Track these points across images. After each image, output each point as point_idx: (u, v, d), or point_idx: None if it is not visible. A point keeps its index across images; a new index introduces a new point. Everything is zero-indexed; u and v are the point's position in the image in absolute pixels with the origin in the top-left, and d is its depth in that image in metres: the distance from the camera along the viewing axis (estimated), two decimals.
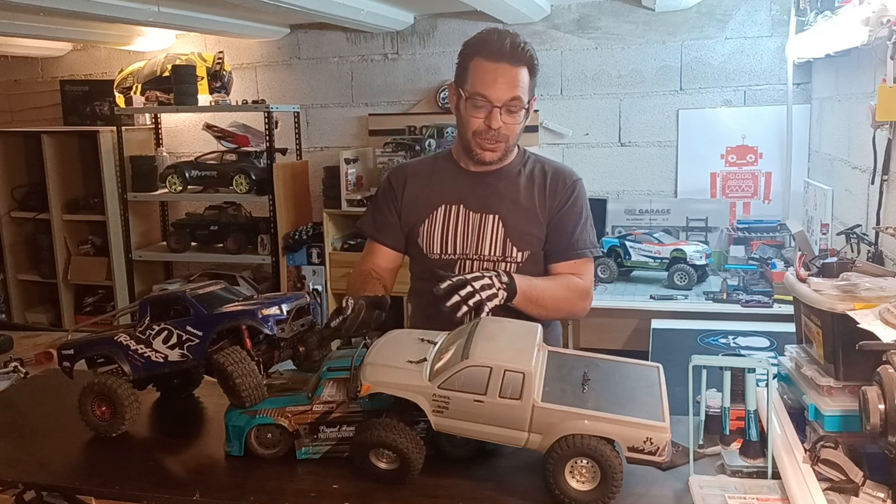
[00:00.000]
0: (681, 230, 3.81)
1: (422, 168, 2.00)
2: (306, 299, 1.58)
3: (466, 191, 1.89)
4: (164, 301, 1.56)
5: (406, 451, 1.28)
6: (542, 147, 4.02)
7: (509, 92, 1.76)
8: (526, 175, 1.91)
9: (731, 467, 1.32)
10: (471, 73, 1.79)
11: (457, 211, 1.88)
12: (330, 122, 4.42)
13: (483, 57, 1.78)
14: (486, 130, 1.80)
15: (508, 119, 1.79)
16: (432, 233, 1.89)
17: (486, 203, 1.87)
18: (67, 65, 4.85)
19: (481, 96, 1.77)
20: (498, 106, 1.76)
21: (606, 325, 3.86)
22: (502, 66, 1.76)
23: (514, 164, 1.92)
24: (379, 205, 2.01)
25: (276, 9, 3.14)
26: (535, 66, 1.81)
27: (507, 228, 1.86)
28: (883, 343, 1.14)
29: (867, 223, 2.52)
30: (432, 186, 1.93)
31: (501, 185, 1.89)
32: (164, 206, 4.63)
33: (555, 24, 3.93)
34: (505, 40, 1.77)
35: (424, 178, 1.96)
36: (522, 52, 1.77)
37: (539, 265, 1.89)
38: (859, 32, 2.04)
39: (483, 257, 1.86)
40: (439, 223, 1.89)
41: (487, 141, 1.81)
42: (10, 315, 4.62)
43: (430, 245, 1.90)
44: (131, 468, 1.44)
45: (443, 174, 1.94)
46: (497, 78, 1.76)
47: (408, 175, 1.98)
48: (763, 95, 3.74)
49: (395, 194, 1.96)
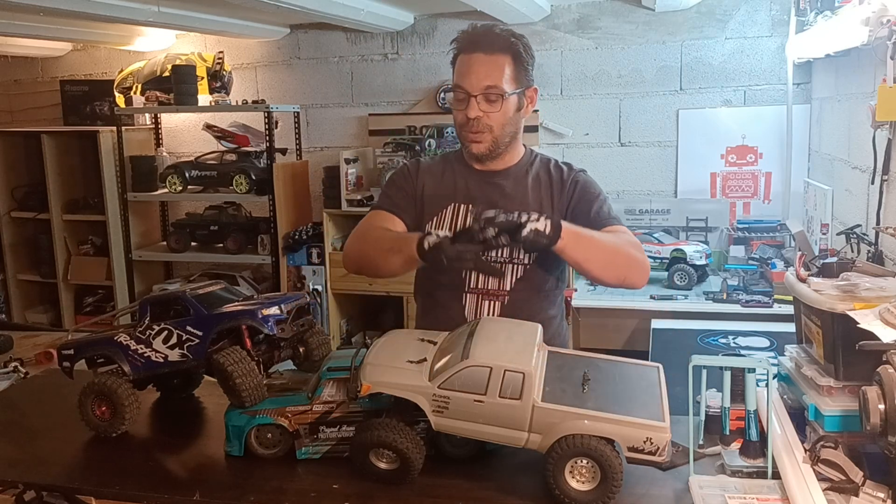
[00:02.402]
0: (681, 230, 3.81)
1: (434, 166, 1.98)
2: (306, 299, 1.58)
3: (475, 191, 1.88)
4: (164, 301, 1.56)
5: (406, 451, 1.28)
6: (542, 147, 4.02)
7: (485, 80, 1.75)
8: (533, 176, 1.89)
9: (731, 467, 1.32)
10: (455, 69, 1.82)
11: (464, 211, 1.87)
12: (330, 122, 4.42)
13: (462, 51, 1.80)
14: (466, 122, 1.79)
15: (487, 108, 1.77)
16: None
17: (494, 203, 1.83)
18: (67, 65, 4.85)
19: (459, 88, 1.78)
20: (473, 94, 1.75)
21: (606, 325, 3.86)
22: (477, 55, 1.76)
23: (521, 164, 1.91)
24: (397, 185, 1.95)
25: (276, 9, 3.14)
26: (519, 54, 1.78)
27: None
28: (883, 343, 1.14)
29: (867, 223, 2.52)
30: (444, 185, 1.91)
31: (509, 186, 1.87)
32: (164, 206, 4.63)
33: (555, 24, 3.93)
34: (481, 30, 1.78)
35: (437, 175, 1.94)
36: (497, 38, 1.76)
37: (548, 268, 1.85)
38: (859, 32, 2.04)
39: (489, 258, 1.83)
40: (447, 222, 1.87)
41: (470, 132, 1.80)
42: (10, 315, 4.61)
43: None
44: (131, 468, 1.44)
45: (453, 174, 1.93)
46: (471, 68, 1.76)
47: (422, 169, 1.96)
48: (763, 95, 3.74)
49: (413, 180, 1.93)
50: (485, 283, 1.82)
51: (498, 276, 1.77)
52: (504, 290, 1.82)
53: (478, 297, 1.83)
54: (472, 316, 1.82)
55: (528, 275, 1.82)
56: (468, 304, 1.83)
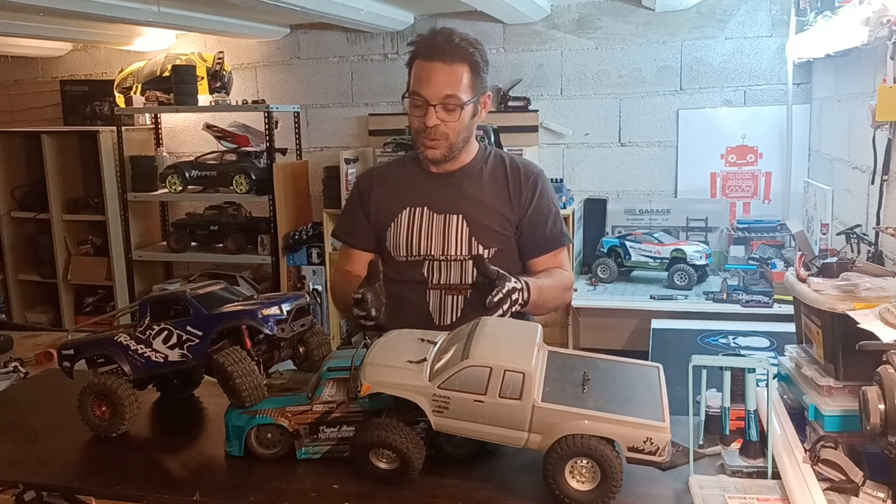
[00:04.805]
0: (681, 230, 3.81)
1: (388, 172, 2.05)
2: (306, 299, 1.58)
3: (431, 193, 1.93)
4: (164, 301, 1.56)
5: (406, 451, 1.28)
6: (542, 147, 4.02)
7: (443, 89, 1.78)
8: (488, 172, 1.95)
9: (731, 467, 1.32)
10: (412, 74, 1.84)
11: (421, 213, 1.92)
12: (330, 122, 4.42)
13: (420, 57, 1.82)
14: (424, 129, 1.82)
15: (446, 117, 1.81)
16: (398, 236, 1.93)
17: (451, 203, 1.91)
18: (67, 65, 4.84)
19: (417, 95, 1.81)
20: (432, 104, 1.79)
21: (606, 325, 3.86)
22: (435, 64, 1.78)
23: (475, 162, 1.96)
24: (349, 210, 2.06)
25: (276, 9, 3.14)
26: (476, 63, 1.82)
27: (472, 227, 1.89)
28: (883, 343, 1.14)
29: (867, 223, 2.52)
30: (399, 190, 1.97)
31: (465, 185, 1.93)
32: (164, 206, 4.62)
33: (555, 24, 3.93)
34: (438, 38, 1.79)
35: (391, 182, 2.00)
36: (456, 48, 1.79)
37: (508, 261, 1.91)
38: (859, 32, 2.04)
39: (449, 257, 1.90)
40: (405, 226, 1.93)
41: (427, 139, 1.84)
42: (10, 315, 4.61)
43: (396, 247, 1.94)
44: (131, 468, 1.44)
45: (409, 178, 1.98)
46: (431, 76, 1.78)
47: (374, 179, 2.02)
48: (763, 95, 3.74)
49: (362, 198, 2.01)
50: (447, 278, 1.90)
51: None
52: (466, 284, 1.89)
53: (441, 293, 1.90)
54: (437, 310, 1.89)
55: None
56: (432, 300, 1.90)
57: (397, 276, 1.93)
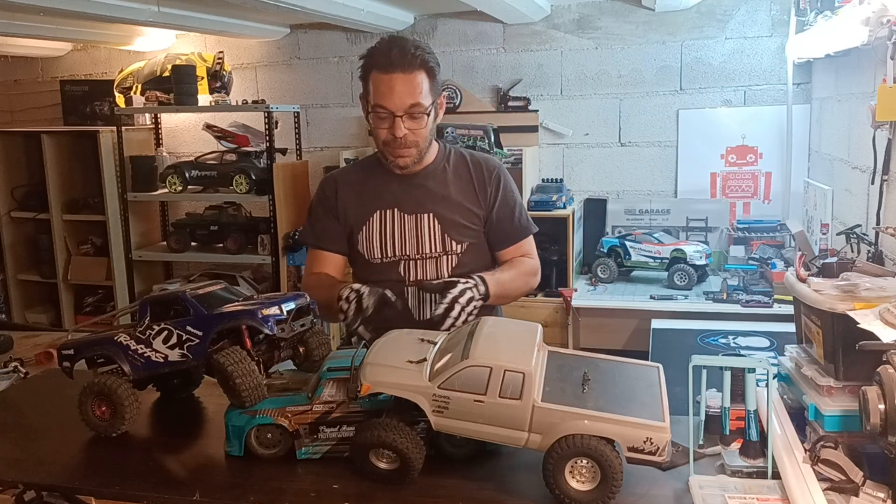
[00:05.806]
0: (681, 230, 3.81)
1: (352, 175, 2.06)
2: (306, 299, 1.58)
3: (399, 194, 1.96)
4: (164, 301, 1.56)
5: (406, 451, 1.28)
6: (542, 147, 4.02)
7: (406, 99, 1.81)
8: (452, 170, 2.00)
9: (731, 467, 1.32)
10: (371, 87, 1.85)
11: (392, 215, 1.96)
12: (330, 122, 4.42)
13: (377, 69, 1.83)
14: (392, 140, 1.85)
15: (413, 125, 1.85)
16: (371, 238, 1.96)
17: (420, 203, 1.95)
18: (67, 65, 4.85)
19: (381, 108, 1.83)
20: (398, 115, 1.82)
21: (606, 325, 3.86)
22: (395, 75, 1.80)
23: (438, 161, 2.00)
24: (317, 214, 2.07)
25: (276, 9, 3.14)
26: (431, 69, 1.85)
27: (444, 224, 1.94)
28: (883, 343, 1.14)
29: (867, 223, 2.52)
30: (365, 193, 2.00)
31: (431, 184, 1.97)
32: (164, 206, 4.62)
33: (555, 24, 3.93)
34: (393, 50, 1.81)
35: (356, 185, 2.02)
36: (413, 58, 1.81)
37: (479, 254, 1.99)
38: (859, 32, 2.04)
39: (424, 255, 1.94)
40: (377, 229, 1.96)
41: (396, 149, 1.88)
42: (10, 315, 4.61)
43: (370, 250, 1.97)
44: (131, 468, 1.44)
45: (374, 180, 2.00)
46: (393, 88, 1.81)
47: (338, 182, 2.04)
48: (763, 95, 3.74)
49: (330, 202, 2.03)
50: (423, 275, 1.94)
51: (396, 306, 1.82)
52: (442, 278, 1.93)
53: (419, 288, 1.93)
54: (416, 305, 1.92)
55: (461, 263, 1.95)
56: (411, 297, 1.94)
57: (372, 276, 1.96)
